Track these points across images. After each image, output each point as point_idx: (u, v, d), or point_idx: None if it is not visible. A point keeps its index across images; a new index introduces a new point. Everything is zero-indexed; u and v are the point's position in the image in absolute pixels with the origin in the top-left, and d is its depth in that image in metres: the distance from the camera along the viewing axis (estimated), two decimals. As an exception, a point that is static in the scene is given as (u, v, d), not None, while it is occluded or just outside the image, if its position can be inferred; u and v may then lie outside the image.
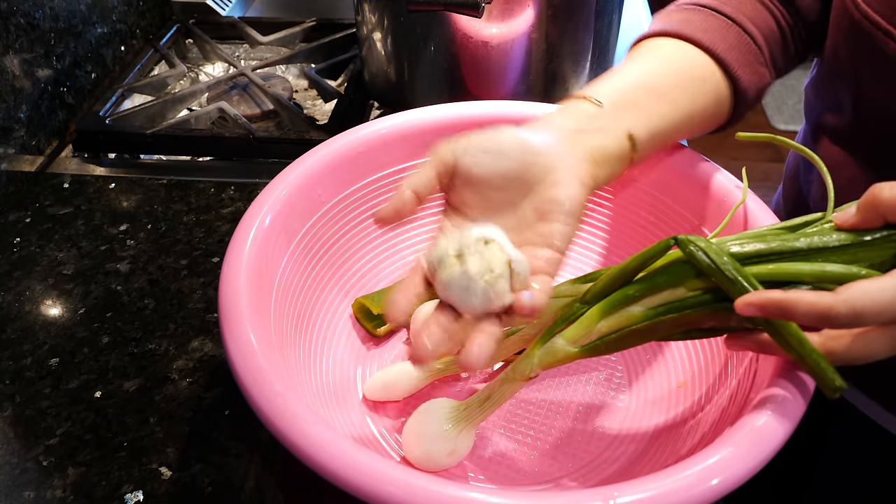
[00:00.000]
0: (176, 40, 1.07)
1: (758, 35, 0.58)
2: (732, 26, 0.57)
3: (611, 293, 0.48)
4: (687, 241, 0.45)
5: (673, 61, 0.56)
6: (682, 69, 0.56)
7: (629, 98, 0.53)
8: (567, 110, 0.52)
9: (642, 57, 0.58)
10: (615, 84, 0.54)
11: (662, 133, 0.54)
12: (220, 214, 0.78)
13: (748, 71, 0.57)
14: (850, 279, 0.41)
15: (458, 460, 0.52)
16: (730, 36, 0.57)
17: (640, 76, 0.55)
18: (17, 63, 0.82)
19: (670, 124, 0.54)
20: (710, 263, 0.43)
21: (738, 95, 0.57)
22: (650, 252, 0.47)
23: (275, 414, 0.42)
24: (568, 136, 0.49)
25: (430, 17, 0.78)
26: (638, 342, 0.48)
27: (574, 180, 0.47)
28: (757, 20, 0.59)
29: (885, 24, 0.52)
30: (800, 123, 2.64)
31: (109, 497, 0.53)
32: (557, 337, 0.49)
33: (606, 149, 0.50)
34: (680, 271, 0.46)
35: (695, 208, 0.60)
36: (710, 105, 0.57)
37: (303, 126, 0.87)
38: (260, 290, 0.51)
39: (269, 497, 0.54)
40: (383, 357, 0.62)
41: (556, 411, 0.58)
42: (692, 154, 0.61)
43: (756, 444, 0.41)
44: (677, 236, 0.45)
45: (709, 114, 0.57)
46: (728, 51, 0.56)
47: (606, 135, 0.51)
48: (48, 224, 0.77)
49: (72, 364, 0.63)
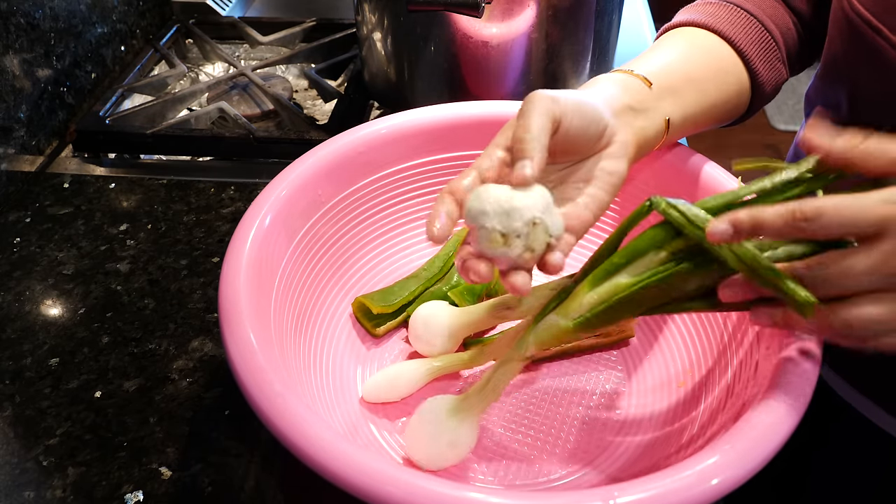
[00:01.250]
0: (176, 40, 1.07)
1: (776, 33, 0.61)
2: (755, 23, 0.60)
3: (599, 265, 0.49)
4: (661, 201, 0.46)
5: (704, 51, 0.59)
6: (712, 59, 0.59)
7: (670, 83, 0.55)
8: (621, 84, 0.54)
9: (676, 42, 0.60)
10: (657, 65, 0.56)
11: (692, 120, 0.57)
12: (220, 214, 0.78)
13: (767, 67, 0.60)
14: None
15: (464, 454, 0.52)
16: (752, 32, 0.60)
17: (677, 61, 0.58)
18: (17, 63, 0.82)
19: (699, 112, 0.57)
20: (681, 217, 0.45)
21: (756, 89, 0.60)
22: (631, 217, 0.48)
23: (275, 414, 0.42)
24: (623, 112, 0.52)
25: (430, 17, 0.78)
26: (629, 313, 0.48)
27: (624, 157, 0.51)
28: (776, 18, 0.61)
29: (876, 22, 0.53)
30: (800, 124, 2.63)
31: (109, 497, 0.53)
32: (551, 314, 0.50)
33: (647, 132, 0.53)
34: (661, 235, 0.47)
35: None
36: (733, 97, 0.59)
37: (303, 126, 0.87)
38: (260, 290, 0.51)
39: (269, 497, 0.54)
40: (383, 357, 0.62)
41: (556, 411, 0.58)
42: (691, 153, 0.61)
43: (756, 445, 0.41)
44: (652, 198, 0.46)
45: (730, 105, 0.60)
46: (750, 45, 0.59)
47: (649, 118, 0.54)
48: (48, 224, 0.77)
49: (72, 364, 0.63)
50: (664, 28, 0.64)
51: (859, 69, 0.57)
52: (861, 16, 0.54)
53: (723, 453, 0.41)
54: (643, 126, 0.53)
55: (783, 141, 2.56)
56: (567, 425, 0.57)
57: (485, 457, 0.55)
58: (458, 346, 0.60)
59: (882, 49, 0.53)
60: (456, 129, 0.65)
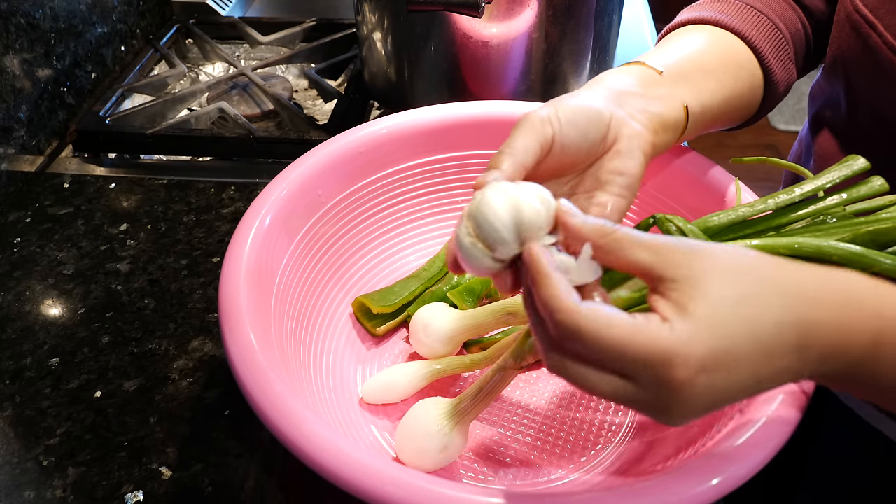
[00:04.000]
0: (176, 40, 1.07)
1: (787, 32, 0.59)
2: (766, 21, 0.59)
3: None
4: (664, 220, 0.45)
5: (716, 44, 0.57)
6: (725, 52, 0.57)
7: (683, 70, 0.53)
8: (629, 72, 0.52)
9: (685, 37, 0.58)
10: (668, 55, 0.54)
11: (710, 110, 0.54)
12: (220, 214, 0.78)
13: (780, 65, 0.59)
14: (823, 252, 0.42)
15: (453, 458, 0.52)
16: (764, 29, 0.58)
17: (688, 52, 0.56)
18: (18, 63, 0.82)
19: (716, 103, 0.55)
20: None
21: (769, 88, 0.58)
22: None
23: (275, 414, 0.42)
24: (631, 99, 0.49)
25: (430, 17, 0.78)
26: None
27: (636, 150, 0.47)
28: (785, 18, 0.60)
29: (872, 17, 0.53)
30: (799, 123, 2.64)
31: (109, 497, 0.53)
32: None
33: (665, 117, 0.50)
34: None
35: (695, 208, 0.60)
36: (746, 92, 0.57)
37: (303, 126, 0.87)
38: (260, 290, 0.51)
39: (269, 497, 0.54)
40: (383, 357, 0.62)
41: (556, 411, 0.58)
42: (692, 153, 0.61)
43: (756, 444, 0.41)
44: (656, 215, 0.46)
45: (744, 101, 0.58)
46: (764, 42, 0.58)
47: (665, 103, 0.51)
48: (48, 224, 0.77)
49: (72, 364, 0.63)
50: (670, 26, 0.61)
51: (855, 67, 0.57)
52: (858, 10, 0.54)
53: (723, 453, 0.41)
54: (659, 112, 0.50)
55: (783, 141, 2.56)
56: (567, 426, 0.57)
57: (485, 457, 0.55)
58: (458, 349, 0.60)
59: (878, 48, 0.53)
60: (456, 129, 0.65)
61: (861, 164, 0.49)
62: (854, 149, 0.60)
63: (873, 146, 0.58)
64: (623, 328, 0.34)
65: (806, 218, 0.47)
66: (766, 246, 0.45)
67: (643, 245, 0.35)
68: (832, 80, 0.62)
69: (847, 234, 0.45)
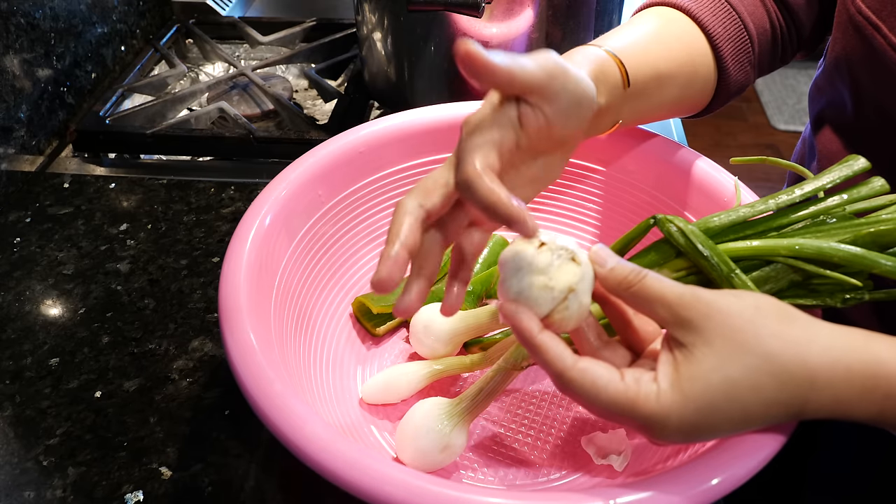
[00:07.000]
0: (176, 40, 1.07)
1: (753, 33, 0.60)
2: (736, 18, 0.59)
3: None
4: (665, 220, 0.45)
5: (680, 43, 0.58)
6: (685, 55, 0.57)
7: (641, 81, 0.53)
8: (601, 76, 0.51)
9: (655, 28, 0.58)
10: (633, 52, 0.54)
11: (641, 118, 0.56)
12: (220, 214, 0.78)
13: (738, 68, 0.59)
14: (824, 254, 0.43)
15: (453, 458, 0.52)
16: (731, 27, 0.59)
17: (651, 52, 0.56)
18: (17, 63, 0.82)
19: (653, 110, 0.57)
20: (686, 241, 0.45)
21: (721, 90, 0.59)
22: (633, 233, 0.47)
23: (275, 414, 0.42)
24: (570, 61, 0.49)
25: (430, 17, 0.78)
26: None
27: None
28: (755, 17, 0.60)
29: (875, 19, 0.53)
30: (799, 123, 2.64)
31: (109, 497, 0.53)
32: None
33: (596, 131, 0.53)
34: (663, 252, 0.46)
35: (695, 208, 0.60)
36: (696, 96, 0.59)
37: (303, 126, 0.87)
38: (260, 290, 0.51)
39: (269, 497, 0.54)
40: (383, 356, 0.62)
41: (556, 411, 0.58)
42: (691, 153, 0.61)
43: (756, 444, 0.41)
44: (656, 216, 0.46)
45: (686, 104, 0.59)
46: (727, 43, 0.58)
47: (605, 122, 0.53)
48: (48, 224, 0.77)
49: (72, 364, 0.63)
50: (645, 4, 0.61)
51: (861, 68, 0.57)
52: (861, 12, 0.54)
53: (723, 453, 0.41)
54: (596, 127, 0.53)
55: (783, 141, 2.56)
56: (567, 426, 0.57)
57: (485, 457, 0.55)
58: (458, 349, 0.60)
59: (882, 49, 0.53)
60: (456, 129, 0.64)
61: (861, 164, 0.49)
62: (860, 147, 0.61)
63: (880, 144, 0.58)
64: (613, 393, 0.39)
65: (806, 219, 0.47)
66: (767, 247, 0.45)
67: (661, 302, 0.40)
68: (835, 80, 0.62)
69: (848, 235, 0.45)
